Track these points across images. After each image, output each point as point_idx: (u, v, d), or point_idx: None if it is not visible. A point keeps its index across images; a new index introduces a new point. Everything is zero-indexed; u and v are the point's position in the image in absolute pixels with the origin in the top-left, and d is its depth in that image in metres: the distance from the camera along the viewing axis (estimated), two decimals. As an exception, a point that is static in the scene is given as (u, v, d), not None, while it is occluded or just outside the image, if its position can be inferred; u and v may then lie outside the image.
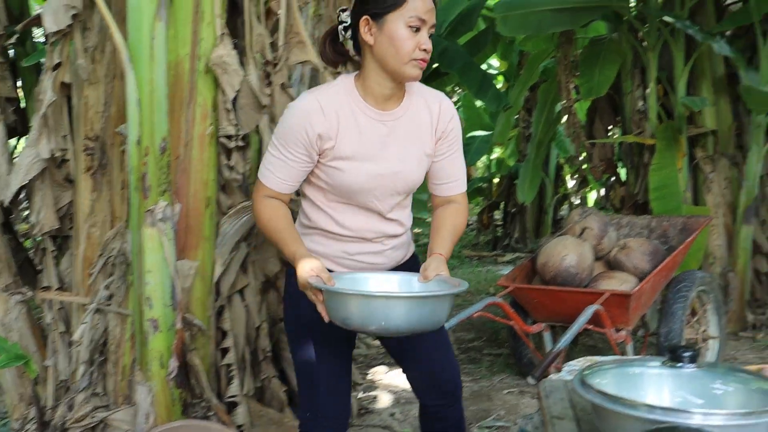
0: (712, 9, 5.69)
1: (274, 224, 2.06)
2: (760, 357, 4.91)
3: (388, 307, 1.80)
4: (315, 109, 1.99)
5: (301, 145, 2.01)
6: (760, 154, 5.44)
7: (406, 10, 1.93)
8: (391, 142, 2.06)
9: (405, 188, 2.12)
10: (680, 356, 1.56)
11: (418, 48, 1.95)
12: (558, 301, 3.84)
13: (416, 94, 2.11)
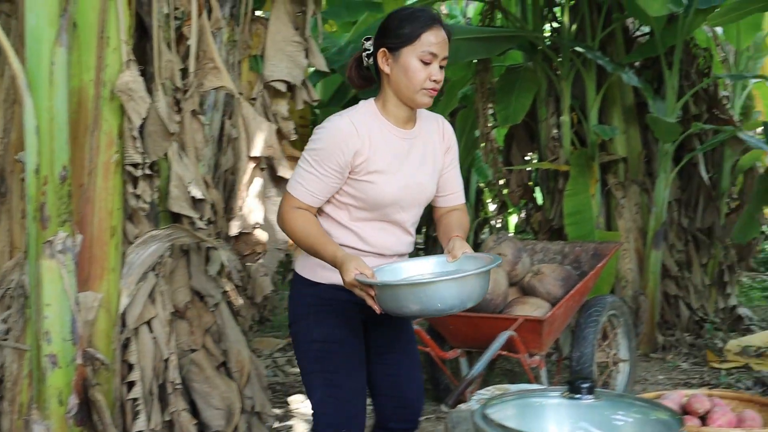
0: (621, 41, 5.89)
1: (309, 230, 2.19)
2: (669, 378, 5.05)
3: (440, 290, 1.99)
4: (350, 130, 2.17)
5: (335, 162, 2.17)
6: (668, 180, 5.63)
7: (418, 45, 2.15)
8: (412, 157, 2.27)
9: (425, 199, 2.34)
10: (578, 388, 1.58)
11: (429, 79, 2.17)
12: (473, 327, 3.86)
13: (425, 117, 2.36)
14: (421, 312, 2.03)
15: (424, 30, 2.16)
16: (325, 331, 2.28)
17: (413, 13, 2.21)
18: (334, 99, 6.26)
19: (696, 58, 6.06)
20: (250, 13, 3.85)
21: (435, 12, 2.25)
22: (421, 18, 2.19)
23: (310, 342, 2.31)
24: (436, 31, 2.17)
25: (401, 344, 2.44)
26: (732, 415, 1.85)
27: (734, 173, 6.42)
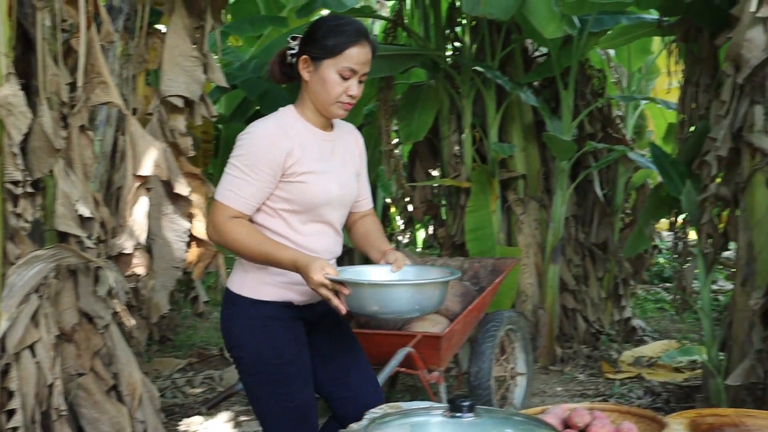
0: (520, 61, 6.05)
1: (256, 238, 2.17)
2: (567, 389, 5.18)
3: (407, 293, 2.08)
4: (277, 131, 2.20)
5: (267, 165, 2.16)
6: (564, 197, 5.79)
7: (340, 60, 2.18)
8: (337, 158, 2.32)
9: (351, 199, 2.37)
10: (459, 406, 1.59)
11: (345, 93, 2.20)
12: (372, 344, 3.85)
13: (338, 122, 2.40)
14: (381, 313, 2.09)
15: (348, 45, 2.18)
16: (276, 352, 2.25)
17: (340, 26, 2.21)
18: (237, 114, 6.20)
19: (591, 79, 6.28)
20: (146, 27, 3.77)
21: (362, 26, 2.24)
22: (347, 32, 2.19)
23: (260, 364, 2.27)
24: (360, 48, 2.19)
25: (344, 347, 2.51)
26: (611, 428, 1.89)
27: (627, 190, 6.68)
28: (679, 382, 5.13)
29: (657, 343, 6.29)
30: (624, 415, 2.04)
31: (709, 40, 4.34)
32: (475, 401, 1.59)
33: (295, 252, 2.15)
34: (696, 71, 4.52)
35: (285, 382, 2.26)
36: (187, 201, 3.65)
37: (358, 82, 2.23)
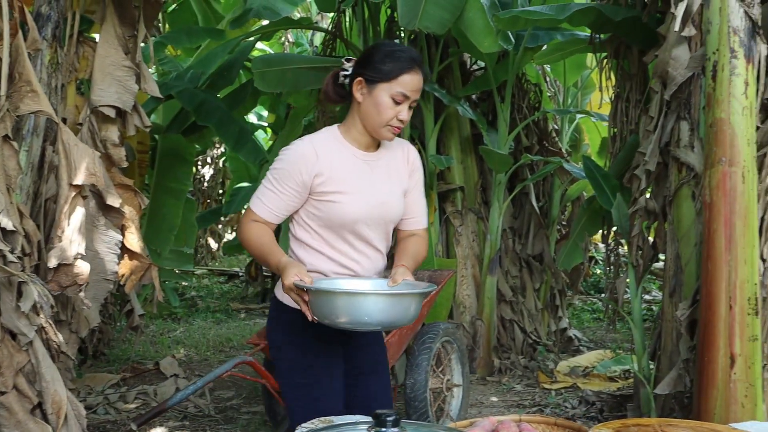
0: (458, 74, 6.11)
1: (260, 240, 2.29)
2: (504, 400, 5.23)
3: (370, 303, 2.06)
4: (310, 152, 2.29)
5: (294, 182, 2.28)
6: (501, 209, 5.86)
7: (395, 84, 2.24)
8: (375, 178, 2.36)
9: (392, 218, 2.39)
10: (383, 421, 1.59)
11: (396, 117, 2.27)
12: (309, 357, 3.84)
13: (391, 144, 2.45)
14: (348, 323, 2.07)
15: (403, 72, 2.25)
16: (308, 359, 2.36)
17: (396, 52, 2.29)
18: (174, 125, 6.12)
19: (527, 93, 6.39)
20: (76, 35, 3.70)
21: (417, 55, 2.34)
22: (402, 59, 2.27)
23: (293, 369, 2.38)
24: (414, 75, 2.26)
25: (375, 367, 2.53)
26: (537, 440, 1.91)
27: (563, 202, 6.79)
28: (613, 391, 5.22)
29: (592, 353, 6.40)
30: (551, 427, 2.06)
31: (639, 57, 4.45)
32: (399, 415, 1.59)
33: (282, 255, 2.24)
34: (626, 87, 4.62)
35: (315, 389, 2.35)
36: (119, 213, 3.58)
37: (408, 107, 2.29)
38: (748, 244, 3.06)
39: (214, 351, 6.82)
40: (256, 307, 9.34)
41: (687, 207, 3.70)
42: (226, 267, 13.12)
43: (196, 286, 10.97)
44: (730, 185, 3.04)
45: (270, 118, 9.09)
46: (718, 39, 3.06)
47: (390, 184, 2.39)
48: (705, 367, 3.12)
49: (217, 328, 7.95)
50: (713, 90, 3.07)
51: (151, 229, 6.20)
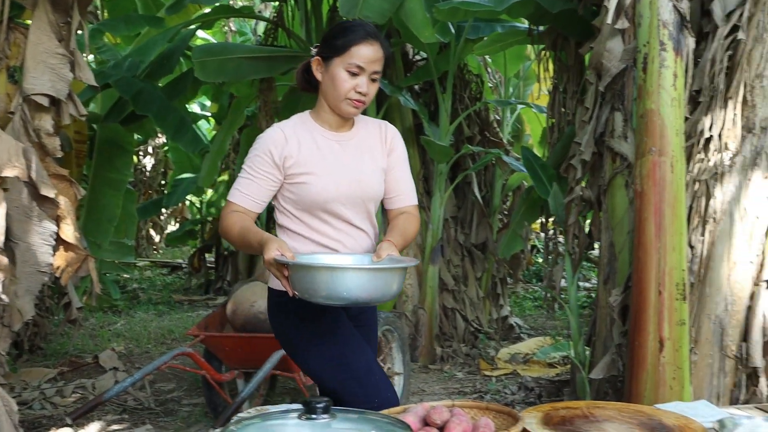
0: (400, 64, 6.13)
1: (239, 225, 2.25)
2: (445, 387, 5.29)
3: (350, 277, 2.00)
4: (278, 135, 2.30)
5: (267, 166, 2.28)
6: (443, 199, 5.92)
7: (347, 57, 2.25)
8: (347, 157, 2.34)
9: (366, 196, 2.35)
10: (314, 408, 1.60)
11: (354, 90, 2.26)
12: (249, 347, 3.83)
13: (365, 122, 2.45)
14: (328, 298, 2.02)
15: (355, 43, 2.25)
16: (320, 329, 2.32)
17: (349, 27, 2.30)
18: (112, 113, 6.00)
19: (469, 84, 6.44)
20: (6, 21, 3.61)
21: (370, 26, 2.32)
22: (354, 31, 2.27)
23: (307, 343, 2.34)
24: (367, 46, 2.25)
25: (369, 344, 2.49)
26: (468, 424, 1.94)
27: (504, 192, 6.88)
28: (551, 377, 5.33)
29: (532, 340, 6.52)
30: (483, 411, 2.10)
31: (575, 49, 4.53)
32: (329, 402, 1.61)
33: (262, 234, 2.20)
34: (564, 78, 4.70)
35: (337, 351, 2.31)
36: (54, 203, 3.51)
37: (370, 80, 2.29)
38: (676, 231, 3.15)
39: (155, 343, 6.75)
40: (200, 298, 9.26)
41: (620, 196, 3.78)
42: (169, 259, 12.97)
43: (138, 278, 10.82)
44: (659, 174, 3.13)
45: (213, 107, 9.00)
46: (648, 32, 3.14)
47: (363, 162, 2.36)
48: (636, 351, 3.21)
49: (159, 320, 7.86)
50: (644, 81, 3.15)
51: (90, 220, 6.09)
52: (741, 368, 3.36)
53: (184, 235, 10.50)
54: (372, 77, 2.29)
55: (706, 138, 3.30)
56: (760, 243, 3.31)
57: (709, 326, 3.37)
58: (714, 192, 3.32)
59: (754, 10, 3.20)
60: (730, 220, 3.32)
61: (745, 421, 1.89)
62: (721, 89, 3.26)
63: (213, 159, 6.68)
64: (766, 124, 3.26)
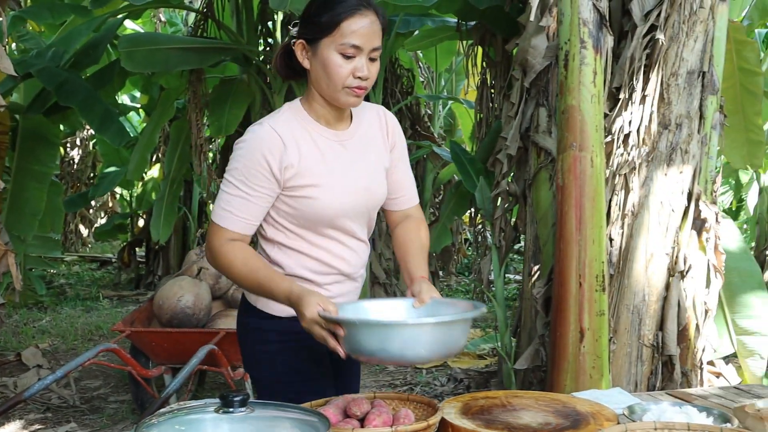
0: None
1: (252, 267, 1.89)
2: (377, 380, 5.33)
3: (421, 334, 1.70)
4: (272, 137, 1.87)
5: (263, 178, 1.87)
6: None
7: (338, 36, 1.82)
8: (353, 160, 1.98)
9: (375, 203, 2.05)
10: (231, 401, 1.60)
11: (353, 75, 1.85)
12: (175, 343, 3.79)
13: (363, 108, 2.04)
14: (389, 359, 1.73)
15: (345, 17, 1.82)
16: (292, 369, 2.05)
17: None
18: (36, 104, 5.84)
19: (400, 78, 6.49)
20: None
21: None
22: (342, 2, 1.84)
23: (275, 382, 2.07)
24: (360, 18, 1.83)
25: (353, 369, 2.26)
26: (388, 416, 1.96)
27: (435, 185, 6.96)
28: (480, 368, 5.42)
29: (463, 332, 6.59)
30: (404, 403, 2.13)
31: (503, 45, 4.60)
32: (247, 396, 1.61)
33: (290, 284, 1.85)
34: (491, 74, 4.77)
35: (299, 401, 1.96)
36: (-30, 197, 3.42)
37: (369, 59, 1.87)
38: (596, 224, 3.23)
39: (82, 340, 6.61)
40: (129, 294, 9.10)
41: (545, 190, 3.87)
42: (98, 253, 12.69)
43: (66, 274, 10.56)
44: (580, 169, 3.21)
45: (143, 99, 8.84)
46: (569, 30, 3.21)
47: (369, 163, 2.02)
48: (557, 341, 3.29)
49: (87, 316, 7.70)
50: (565, 78, 3.22)
51: (13, 213, 5.93)
52: (657, 356, 3.48)
53: (114, 229, 10.29)
54: (371, 56, 1.87)
55: (625, 134, 3.40)
56: (675, 235, 3.42)
57: (627, 316, 3.47)
58: (632, 186, 3.42)
59: (671, 10, 3.30)
60: (647, 213, 3.43)
61: (653, 407, 1.96)
62: (639, 86, 3.36)
63: (142, 152, 6.58)
64: (681, 120, 3.37)
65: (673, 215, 3.42)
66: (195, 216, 8.98)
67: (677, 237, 3.44)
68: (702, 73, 3.37)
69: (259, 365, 2.11)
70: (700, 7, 3.29)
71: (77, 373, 5.15)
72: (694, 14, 3.31)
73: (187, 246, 9.32)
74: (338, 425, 1.87)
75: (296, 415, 1.66)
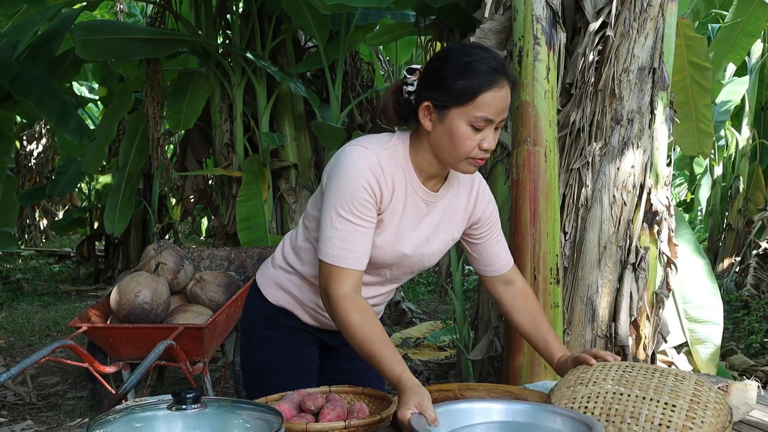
0: (291, 51, 6.12)
1: (368, 333, 1.77)
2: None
3: None
4: (376, 167, 1.77)
5: (370, 205, 1.78)
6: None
7: (472, 109, 1.72)
8: (426, 224, 1.92)
9: (422, 268, 2.00)
10: (183, 398, 1.61)
11: (479, 147, 1.76)
12: (133, 338, 3.77)
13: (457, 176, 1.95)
14: None
15: (484, 89, 1.72)
16: (267, 357, 2.06)
17: (471, 64, 1.72)
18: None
19: (360, 71, 6.49)
20: None
21: (499, 59, 1.76)
22: (480, 71, 1.72)
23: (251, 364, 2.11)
24: (497, 90, 1.72)
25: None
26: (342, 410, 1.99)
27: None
28: (441, 360, 5.47)
29: (424, 324, 6.66)
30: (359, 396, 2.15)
31: (460, 40, 4.63)
32: (199, 393, 1.62)
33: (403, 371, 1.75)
34: (449, 68, 4.80)
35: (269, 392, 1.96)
36: None
37: (495, 128, 1.79)
38: (550, 218, 3.29)
39: (40, 336, 6.53)
40: (88, 288, 9.00)
41: (501, 184, 3.91)
42: (57, 247, 12.52)
43: (23, 268, 10.40)
44: (534, 163, 3.26)
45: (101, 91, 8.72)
46: (523, 26, 3.25)
47: (439, 233, 1.96)
48: (512, 333, 3.34)
49: (45, 311, 7.60)
50: (519, 74, 3.26)
51: (-35, 208, 5.83)
52: (611, 347, 3.55)
53: (72, 223, 10.17)
54: (498, 126, 1.79)
55: (578, 129, 3.46)
56: (627, 228, 3.50)
57: (581, 308, 3.54)
58: (586, 180, 3.48)
59: (622, 8, 3.36)
60: (600, 207, 3.49)
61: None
62: (591, 82, 3.41)
63: (100, 145, 6.50)
64: (632, 116, 3.44)
65: (626, 209, 3.49)
66: (155, 210, 8.90)
67: (629, 230, 3.51)
68: (653, 69, 3.43)
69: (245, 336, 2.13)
70: (650, 5, 3.35)
71: (34, 370, 5.10)
72: (644, 11, 3.37)
73: (147, 240, 9.24)
74: (292, 420, 1.89)
75: (250, 411, 1.68)
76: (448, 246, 2.02)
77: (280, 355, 2.10)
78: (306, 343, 2.11)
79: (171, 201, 9.96)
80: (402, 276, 2.03)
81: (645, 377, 1.82)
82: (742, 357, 5.57)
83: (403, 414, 1.64)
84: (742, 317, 6.94)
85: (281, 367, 2.10)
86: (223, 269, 4.48)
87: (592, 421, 1.62)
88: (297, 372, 2.11)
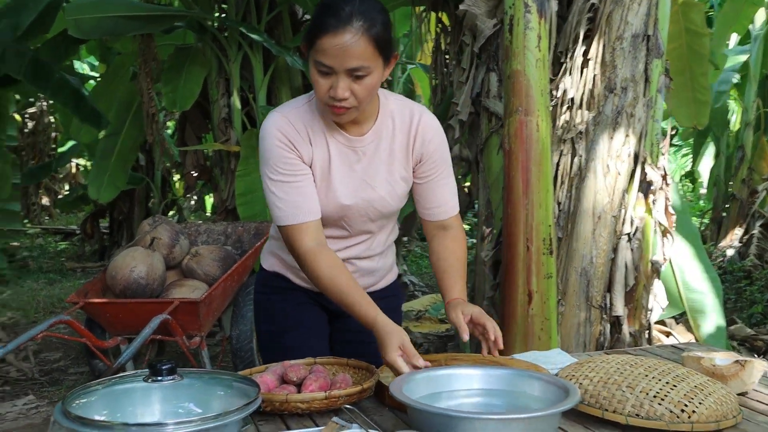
0: (288, 24, 6.07)
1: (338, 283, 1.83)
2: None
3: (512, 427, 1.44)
4: (285, 125, 1.82)
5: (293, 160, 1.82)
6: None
7: (314, 53, 1.71)
8: (360, 170, 1.91)
9: (378, 215, 1.97)
10: (159, 370, 1.61)
11: (329, 95, 1.74)
12: (130, 313, 3.79)
13: (393, 111, 1.92)
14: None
15: (320, 34, 1.69)
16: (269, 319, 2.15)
17: (323, 6, 1.71)
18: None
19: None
20: None
21: (345, 7, 1.68)
22: (323, 15, 1.69)
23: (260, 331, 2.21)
24: (331, 37, 1.67)
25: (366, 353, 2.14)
26: (325, 380, 1.99)
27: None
28: (440, 332, 5.48)
29: (426, 297, 6.67)
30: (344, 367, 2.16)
31: (455, 10, 4.58)
32: (175, 364, 1.62)
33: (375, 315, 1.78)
34: (445, 39, 4.76)
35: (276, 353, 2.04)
36: None
37: (354, 77, 1.72)
38: (543, 188, 3.27)
39: (44, 313, 6.58)
40: (93, 265, 9.05)
41: (495, 155, 3.89)
42: (63, 225, 12.57)
43: (29, 246, 10.46)
44: (526, 133, 3.23)
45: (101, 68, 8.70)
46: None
47: (379, 175, 1.94)
48: (506, 304, 3.34)
49: (50, 288, 7.65)
50: (510, 43, 3.23)
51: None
52: (605, 317, 3.55)
53: (76, 200, 10.18)
54: (356, 74, 1.71)
55: (570, 98, 3.42)
56: (622, 198, 3.47)
57: (575, 278, 3.52)
58: (579, 150, 3.45)
59: (614, -27, 3.32)
60: (594, 176, 3.47)
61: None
62: (583, 51, 3.37)
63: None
64: (626, 84, 3.40)
65: (619, 178, 3.46)
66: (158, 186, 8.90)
67: (624, 200, 3.48)
68: (647, 37, 3.39)
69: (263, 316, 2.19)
70: (643, -30, 3.31)
71: (36, 346, 5.14)
72: (637, -23, 3.32)
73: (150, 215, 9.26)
74: (274, 391, 1.90)
75: (227, 382, 1.68)
76: (401, 187, 1.97)
77: (281, 316, 2.14)
78: (302, 302, 2.14)
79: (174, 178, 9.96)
80: (365, 224, 2.00)
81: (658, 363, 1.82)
82: (742, 326, 5.56)
83: (392, 358, 1.70)
84: (744, 287, 6.92)
85: (283, 327, 2.14)
86: (220, 243, 4.49)
87: (570, 385, 1.61)
88: (297, 330, 2.14)
